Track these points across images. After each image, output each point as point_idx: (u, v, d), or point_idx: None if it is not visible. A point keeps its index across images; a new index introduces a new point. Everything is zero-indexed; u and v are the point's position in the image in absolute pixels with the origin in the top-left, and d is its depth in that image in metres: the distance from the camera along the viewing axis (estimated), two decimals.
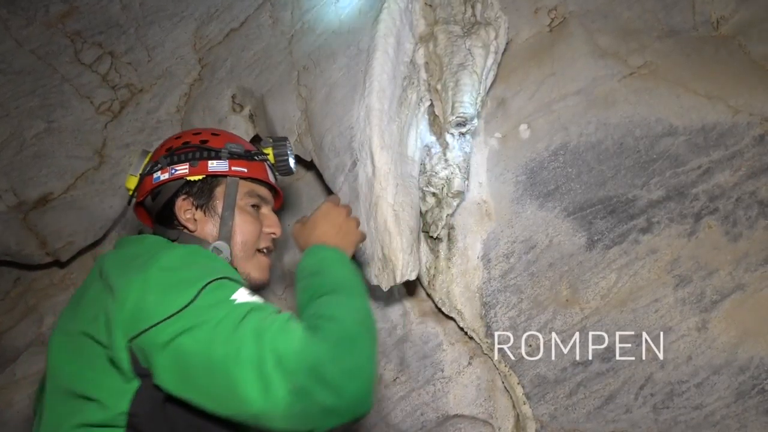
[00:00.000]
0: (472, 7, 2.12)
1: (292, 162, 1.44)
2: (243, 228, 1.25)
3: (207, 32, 2.38)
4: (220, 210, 1.25)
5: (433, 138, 2.02)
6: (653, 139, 2.02)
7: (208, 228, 1.24)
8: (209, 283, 0.95)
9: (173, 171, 1.26)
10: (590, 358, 1.95)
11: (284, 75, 2.19)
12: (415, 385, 2.03)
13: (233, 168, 1.28)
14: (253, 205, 1.30)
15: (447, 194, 1.97)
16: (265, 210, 1.34)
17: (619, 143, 2.03)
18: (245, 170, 1.29)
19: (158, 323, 0.90)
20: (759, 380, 1.87)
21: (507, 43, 2.12)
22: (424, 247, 2.02)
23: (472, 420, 1.96)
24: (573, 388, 1.95)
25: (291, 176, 2.35)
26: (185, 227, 1.25)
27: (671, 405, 1.90)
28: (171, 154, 1.28)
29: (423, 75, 2.06)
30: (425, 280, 2.02)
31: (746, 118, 2.01)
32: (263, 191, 1.34)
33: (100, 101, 2.34)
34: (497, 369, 2.01)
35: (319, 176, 2.14)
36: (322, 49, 2.12)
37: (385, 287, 1.81)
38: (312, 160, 2.10)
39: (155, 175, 1.27)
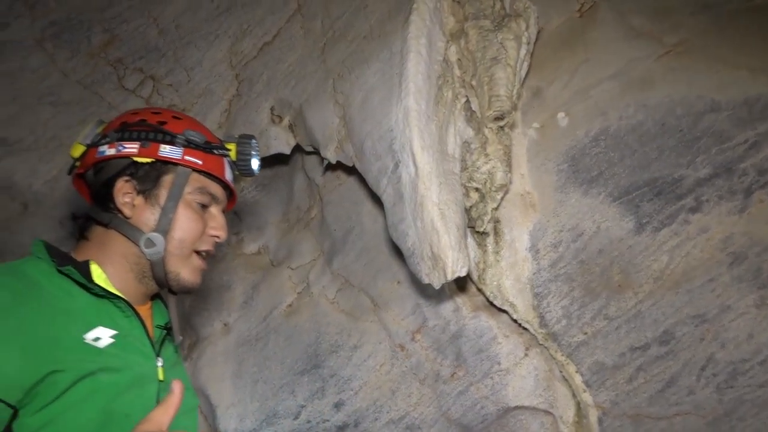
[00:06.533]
0: None
1: (254, 163, 1.31)
2: (183, 224, 1.16)
3: (241, 48, 2.44)
4: (162, 201, 1.15)
5: (472, 133, 2.03)
6: (695, 116, 1.99)
7: (146, 216, 1.15)
8: None
9: (121, 148, 1.15)
10: (648, 341, 1.93)
11: (320, 83, 2.23)
12: (473, 380, 2.05)
13: (186, 157, 1.17)
14: (201, 204, 1.20)
15: (490, 188, 1.98)
16: (214, 210, 1.23)
17: (661, 123, 2.01)
18: (199, 162, 1.18)
19: None
20: None
21: (538, 32, 2.12)
22: (471, 243, 2.03)
23: (533, 410, 1.97)
24: (632, 373, 1.94)
25: (333, 182, 2.37)
26: (120, 211, 1.15)
27: (735, 384, 1.88)
28: (123, 129, 1.17)
29: (457, 72, 2.07)
30: (475, 275, 2.04)
31: None
32: (216, 189, 1.23)
33: None
34: (554, 359, 2.01)
35: (362, 180, 2.18)
36: (355, 55, 2.15)
37: (436, 285, 1.83)
38: (354, 165, 2.14)
39: (100, 149, 1.16)
